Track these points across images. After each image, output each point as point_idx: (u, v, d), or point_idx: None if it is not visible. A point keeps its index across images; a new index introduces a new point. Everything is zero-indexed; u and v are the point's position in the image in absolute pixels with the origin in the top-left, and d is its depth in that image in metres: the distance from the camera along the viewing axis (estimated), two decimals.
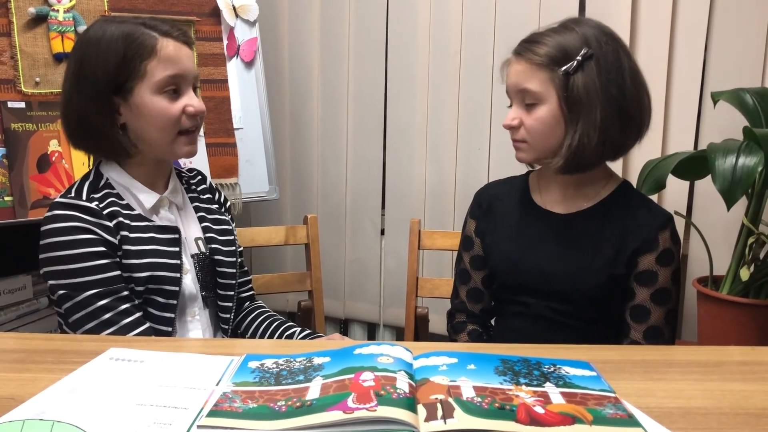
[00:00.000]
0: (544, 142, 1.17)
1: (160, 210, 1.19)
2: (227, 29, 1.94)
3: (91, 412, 0.74)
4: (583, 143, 1.13)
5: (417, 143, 2.22)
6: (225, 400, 0.76)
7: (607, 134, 1.13)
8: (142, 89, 1.10)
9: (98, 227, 1.09)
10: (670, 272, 1.19)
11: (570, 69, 1.11)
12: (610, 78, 1.12)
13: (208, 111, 1.88)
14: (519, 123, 1.19)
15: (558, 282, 1.20)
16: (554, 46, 1.13)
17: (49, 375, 0.84)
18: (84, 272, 1.07)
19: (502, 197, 1.33)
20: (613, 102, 1.12)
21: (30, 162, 1.60)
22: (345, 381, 0.77)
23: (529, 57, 1.15)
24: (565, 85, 1.12)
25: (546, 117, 1.15)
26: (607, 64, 1.12)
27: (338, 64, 2.31)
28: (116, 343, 0.95)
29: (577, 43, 1.12)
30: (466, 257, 1.37)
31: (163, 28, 1.12)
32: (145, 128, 1.13)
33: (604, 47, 1.12)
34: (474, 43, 2.08)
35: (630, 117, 1.14)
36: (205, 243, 1.25)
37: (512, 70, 1.19)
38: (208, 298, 1.24)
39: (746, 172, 1.28)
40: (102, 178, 1.16)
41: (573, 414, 0.73)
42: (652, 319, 1.18)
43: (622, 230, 1.19)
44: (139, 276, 1.11)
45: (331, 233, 2.38)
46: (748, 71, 1.76)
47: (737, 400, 0.80)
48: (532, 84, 1.15)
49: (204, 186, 1.34)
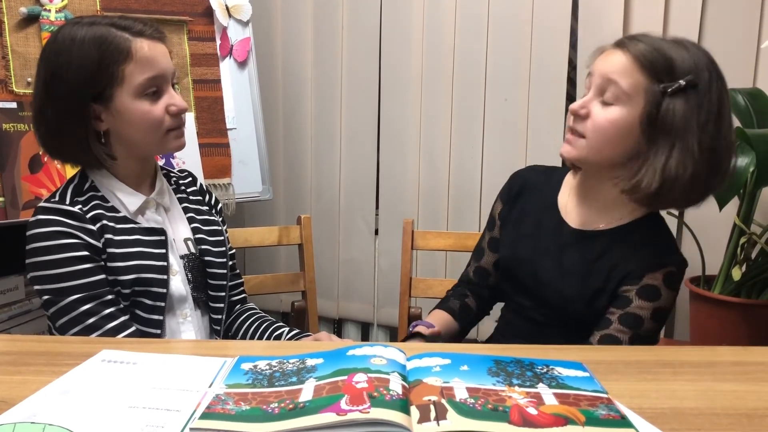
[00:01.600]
0: (604, 147, 1.08)
1: (146, 211, 1.18)
2: (220, 29, 1.94)
3: (82, 414, 0.74)
4: (679, 172, 1.03)
5: (411, 143, 2.22)
6: (218, 402, 0.75)
7: (699, 169, 1.04)
8: (122, 94, 1.09)
9: (81, 231, 1.08)
10: (651, 306, 1.11)
11: (669, 88, 1.03)
12: (709, 118, 1.03)
13: (201, 111, 1.89)
14: (587, 113, 1.08)
15: (548, 294, 1.19)
16: (663, 54, 1.04)
17: (40, 377, 0.83)
18: (66, 277, 1.07)
19: (534, 187, 1.28)
20: (708, 141, 1.03)
21: (22, 162, 1.59)
22: (338, 383, 0.77)
23: (634, 51, 1.04)
24: (659, 102, 1.03)
25: (622, 121, 1.05)
26: (710, 103, 1.03)
27: (332, 63, 2.30)
28: (108, 345, 0.95)
29: (685, 64, 1.03)
30: (487, 236, 1.35)
31: (135, 27, 1.10)
32: (130, 133, 1.12)
33: (713, 85, 1.04)
34: (468, 43, 2.08)
35: (719, 163, 1.06)
36: (195, 244, 1.24)
37: (610, 58, 1.07)
38: (199, 299, 1.23)
39: (738, 172, 1.29)
40: (87, 181, 1.15)
41: (566, 415, 0.73)
42: (612, 329, 1.12)
43: (614, 263, 1.14)
44: (125, 278, 1.10)
45: (325, 233, 2.38)
46: (740, 72, 1.77)
47: (730, 401, 0.80)
48: (624, 80, 1.05)
49: (194, 188, 1.33)
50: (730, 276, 1.49)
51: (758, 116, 1.53)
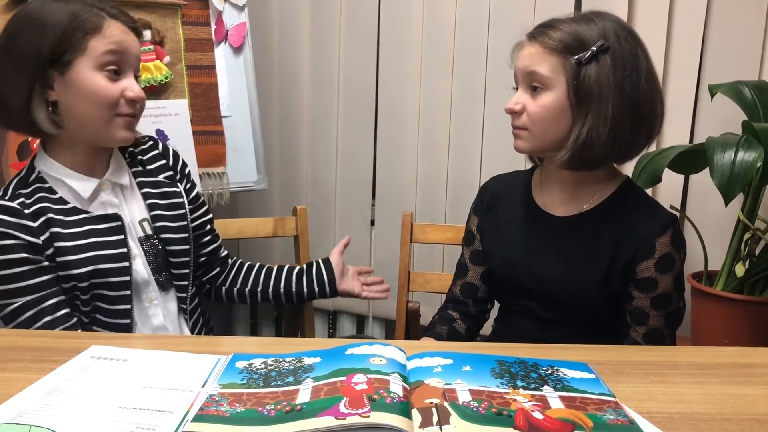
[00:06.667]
0: (545, 132, 1.12)
1: (101, 194, 1.14)
2: (215, 14, 1.89)
3: (70, 415, 0.71)
4: (592, 137, 1.08)
5: (409, 133, 2.19)
6: (211, 404, 0.72)
7: (618, 131, 1.08)
8: (81, 64, 1.05)
9: (18, 229, 1.04)
10: (672, 277, 1.14)
11: (583, 58, 1.07)
12: (624, 74, 1.07)
13: (195, 98, 1.85)
14: (522, 108, 1.13)
15: (553, 288, 1.18)
16: (570, 33, 1.09)
17: (26, 375, 0.80)
18: (8, 280, 1.04)
19: (504, 194, 1.30)
20: (626, 99, 1.08)
21: (10, 149, 1.55)
22: (337, 384, 0.74)
23: (543, 41, 1.10)
24: (577, 74, 1.07)
25: (551, 104, 1.10)
26: (623, 60, 1.07)
27: (329, 50, 2.26)
28: (98, 340, 0.92)
29: (594, 34, 1.08)
30: (467, 252, 1.35)
31: (112, 11, 1.08)
32: (79, 106, 1.07)
33: (623, 43, 1.08)
34: (468, 33, 2.04)
35: (642, 117, 1.10)
36: (151, 222, 1.19)
37: (524, 53, 1.14)
38: (162, 280, 1.19)
39: (745, 167, 1.25)
40: (33, 172, 1.11)
41: (572, 420, 0.71)
42: (651, 322, 1.15)
43: (619, 237, 1.15)
44: (80, 272, 1.07)
45: (321, 223, 2.34)
46: (746, 64, 1.74)
47: (740, 405, 0.78)
48: (542, 68, 1.10)
49: (156, 151, 1.26)
50: (733, 272, 1.46)
51: (765, 110, 1.49)
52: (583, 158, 1.11)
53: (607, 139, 1.09)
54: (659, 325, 1.15)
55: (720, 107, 1.69)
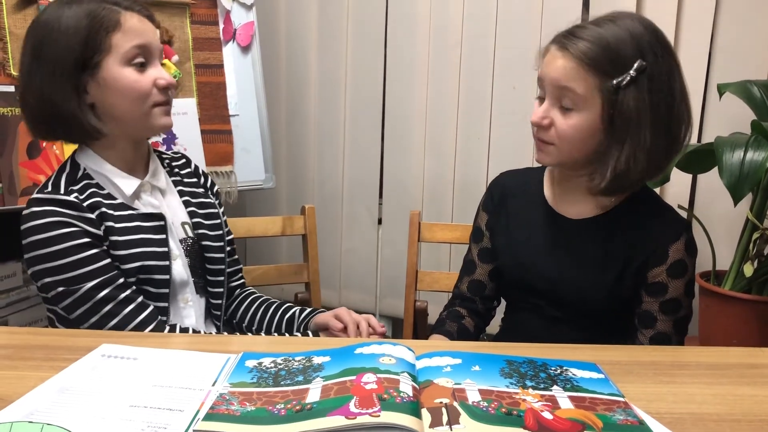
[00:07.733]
0: (572, 151, 1.09)
1: (142, 195, 1.15)
2: (223, 13, 1.90)
3: (82, 413, 0.71)
4: (630, 166, 1.05)
5: (416, 132, 2.19)
6: (222, 402, 0.73)
7: (653, 155, 1.05)
8: (109, 62, 1.06)
9: (80, 220, 1.05)
10: (683, 283, 1.13)
11: (622, 83, 1.02)
12: (660, 97, 1.04)
13: (203, 97, 1.85)
14: (550, 123, 1.09)
15: (564, 290, 1.17)
16: (605, 47, 1.03)
17: (38, 373, 0.81)
18: (76, 265, 1.03)
19: (515, 192, 1.28)
20: (661, 122, 1.04)
21: (20, 148, 1.56)
22: (346, 383, 0.75)
23: (577, 53, 1.04)
24: (614, 98, 1.03)
25: (583, 126, 1.06)
26: (660, 82, 1.03)
27: (336, 49, 2.26)
28: (108, 339, 0.92)
29: (630, 50, 1.03)
30: (475, 249, 1.34)
31: (125, 2, 1.09)
32: (116, 104, 1.08)
33: (659, 61, 1.04)
34: (475, 32, 2.04)
35: (675, 138, 1.07)
36: (192, 228, 1.21)
37: (556, 64, 1.06)
38: (198, 284, 1.20)
39: (754, 166, 1.25)
40: (79, 169, 1.11)
41: (582, 420, 0.71)
42: (659, 326, 1.14)
43: (631, 242, 1.13)
44: (129, 267, 1.08)
45: (328, 222, 2.35)
46: (756, 63, 1.73)
47: (749, 406, 0.78)
48: (577, 86, 1.04)
49: (188, 169, 1.29)
50: (741, 272, 1.46)
51: None
52: (619, 185, 1.08)
53: (645, 166, 1.06)
54: (667, 330, 1.15)
55: (729, 106, 1.68)
